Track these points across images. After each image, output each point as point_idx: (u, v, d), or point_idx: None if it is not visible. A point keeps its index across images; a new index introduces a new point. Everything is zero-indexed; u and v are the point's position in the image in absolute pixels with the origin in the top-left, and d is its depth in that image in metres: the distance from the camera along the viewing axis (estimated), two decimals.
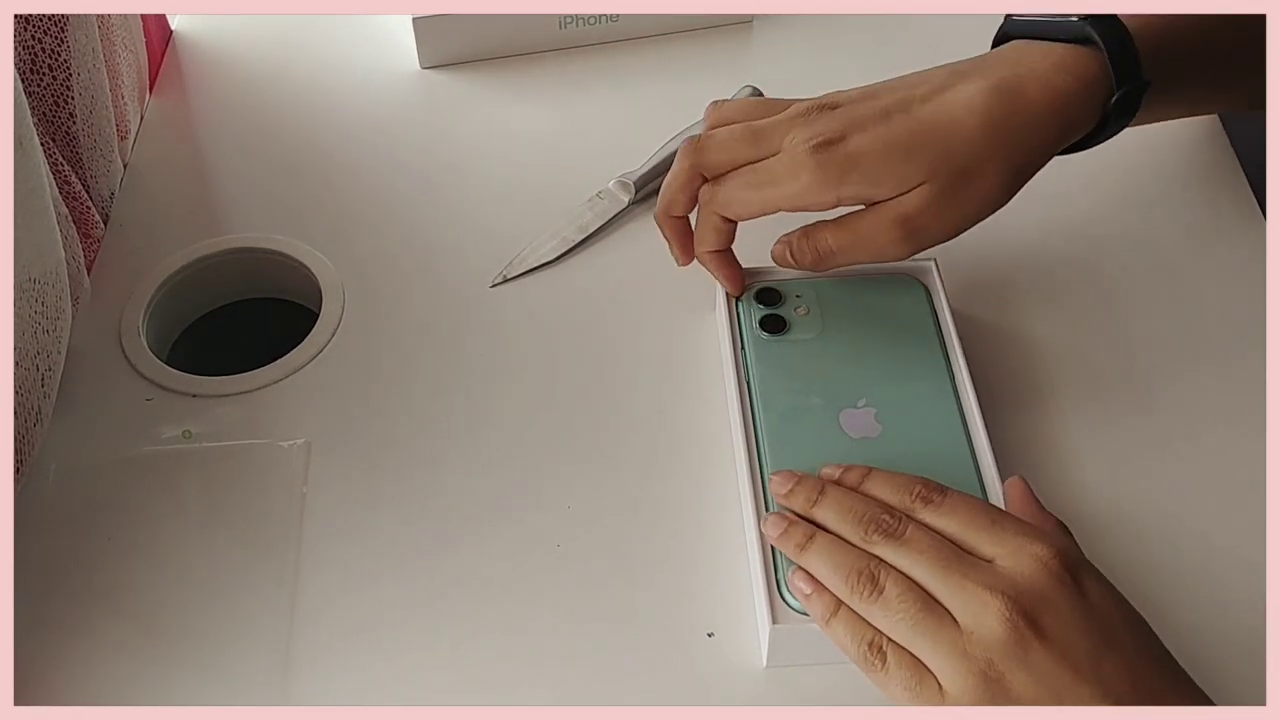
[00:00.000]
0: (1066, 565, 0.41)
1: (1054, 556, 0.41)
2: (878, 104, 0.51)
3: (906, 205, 0.50)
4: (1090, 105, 0.51)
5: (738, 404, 0.53)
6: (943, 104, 0.50)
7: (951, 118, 0.50)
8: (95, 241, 0.65)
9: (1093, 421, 0.55)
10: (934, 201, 0.50)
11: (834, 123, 0.51)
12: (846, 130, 0.50)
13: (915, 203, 0.50)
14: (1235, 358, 0.57)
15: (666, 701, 0.47)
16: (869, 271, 0.57)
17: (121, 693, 0.48)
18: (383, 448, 0.56)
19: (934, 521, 0.44)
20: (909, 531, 0.44)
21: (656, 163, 0.66)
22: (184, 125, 0.73)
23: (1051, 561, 0.41)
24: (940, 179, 0.50)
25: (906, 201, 0.50)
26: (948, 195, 0.50)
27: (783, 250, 0.55)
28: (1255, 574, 0.50)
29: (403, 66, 0.75)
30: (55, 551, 0.52)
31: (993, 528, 0.43)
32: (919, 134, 0.50)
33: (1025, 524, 0.44)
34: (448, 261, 0.64)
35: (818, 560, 0.45)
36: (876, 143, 0.50)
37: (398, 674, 0.48)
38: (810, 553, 0.45)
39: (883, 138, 0.50)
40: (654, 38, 0.76)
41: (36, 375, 0.53)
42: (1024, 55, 0.52)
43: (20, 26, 0.58)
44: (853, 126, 0.50)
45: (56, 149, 0.62)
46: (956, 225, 0.51)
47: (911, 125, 0.50)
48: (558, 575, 0.51)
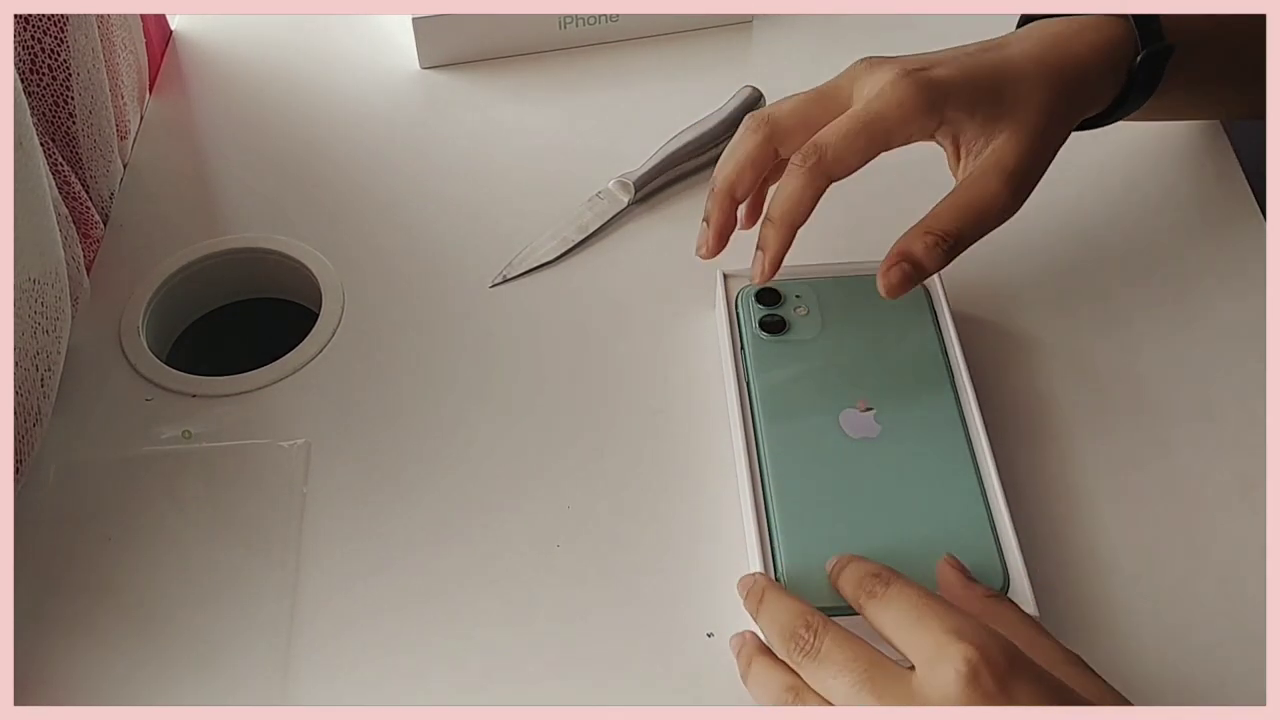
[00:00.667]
0: (993, 672, 0.37)
1: (977, 665, 0.37)
2: (938, 55, 0.52)
3: (1003, 157, 0.50)
4: (1114, 66, 0.53)
5: (737, 404, 0.53)
6: (999, 53, 0.52)
7: (1012, 62, 0.51)
8: (95, 241, 0.65)
9: (1091, 422, 0.55)
10: (1025, 142, 0.50)
11: (908, 61, 0.51)
12: (924, 64, 0.50)
13: (1010, 149, 0.50)
14: (1235, 357, 0.57)
15: (666, 701, 0.47)
16: (867, 271, 0.56)
17: (121, 692, 0.48)
18: (383, 448, 0.56)
19: (872, 615, 0.42)
20: (825, 646, 0.41)
21: (656, 163, 0.66)
22: (184, 125, 0.73)
23: (974, 671, 0.37)
24: (1021, 115, 0.50)
25: (1000, 152, 0.50)
26: (1035, 134, 0.50)
27: (902, 272, 0.50)
28: (1255, 572, 0.50)
29: (403, 66, 0.75)
30: (55, 551, 0.52)
31: (916, 628, 0.40)
32: (991, 72, 0.51)
33: (951, 622, 0.39)
34: (448, 261, 0.64)
35: (753, 685, 0.45)
36: (957, 72, 0.50)
37: (397, 674, 0.48)
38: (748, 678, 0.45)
39: (962, 68, 0.51)
40: (654, 38, 0.76)
41: (36, 375, 0.53)
42: (1052, 24, 0.53)
43: (20, 26, 0.58)
44: (929, 63, 0.51)
45: (56, 149, 0.62)
46: (1045, 165, 0.52)
47: (982, 64, 0.51)
48: (557, 575, 0.51)
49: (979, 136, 0.51)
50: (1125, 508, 0.52)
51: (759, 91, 0.69)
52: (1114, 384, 0.57)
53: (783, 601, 0.45)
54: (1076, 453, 0.54)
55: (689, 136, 0.67)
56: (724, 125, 0.67)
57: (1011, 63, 0.51)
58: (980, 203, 0.50)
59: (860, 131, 0.49)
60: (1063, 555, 0.51)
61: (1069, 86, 0.51)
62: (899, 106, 0.49)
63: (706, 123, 0.68)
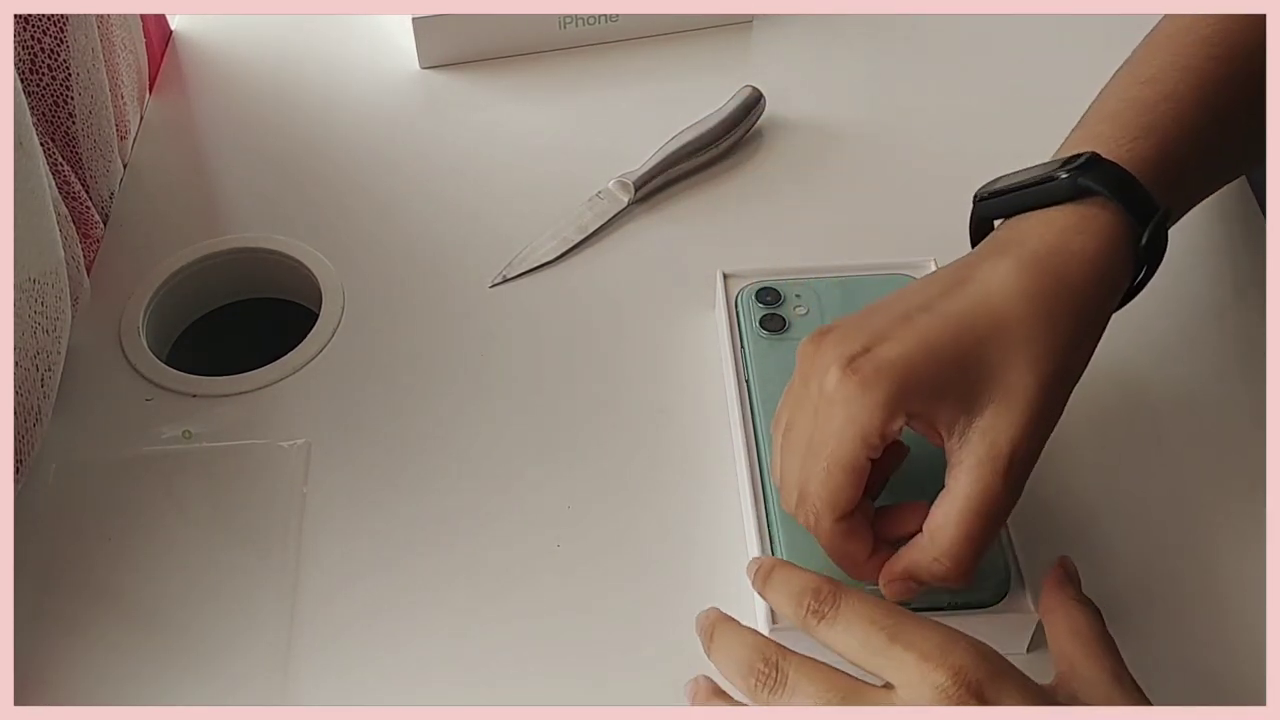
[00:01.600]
0: (973, 692, 0.36)
1: (957, 686, 0.36)
2: (889, 312, 0.43)
3: (995, 442, 0.41)
4: (1121, 258, 0.44)
5: (737, 404, 0.53)
6: (970, 295, 0.42)
7: (989, 310, 0.41)
8: (95, 241, 0.65)
9: (1090, 422, 0.55)
10: (1020, 421, 0.41)
11: (850, 339, 0.42)
12: (868, 342, 0.42)
13: (1002, 430, 0.41)
14: (1234, 357, 0.57)
15: (666, 701, 0.47)
16: (867, 271, 0.56)
17: (121, 692, 0.48)
18: (383, 447, 0.56)
19: (829, 638, 0.40)
20: (790, 677, 0.39)
21: (656, 163, 0.66)
22: (184, 125, 0.73)
23: (954, 692, 0.36)
24: (1012, 383, 0.41)
25: (991, 435, 0.41)
26: (1032, 407, 0.41)
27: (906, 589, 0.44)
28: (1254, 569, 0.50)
29: (403, 66, 0.75)
30: (55, 551, 0.52)
31: (890, 648, 0.38)
32: (960, 331, 0.41)
33: (928, 639, 0.37)
34: (448, 261, 0.64)
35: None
36: (912, 345, 0.41)
37: (397, 674, 0.48)
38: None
39: (917, 338, 0.41)
40: (654, 38, 0.76)
41: (36, 375, 0.53)
42: (1024, 233, 0.44)
43: (20, 26, 0.58)
44: (874, 337, 0.42)
45: (56, 149, 0.62)
46: (1047, 434, 0.42)
47: (946, 322, 0.42)
48: (557, 575, 0.51)
49: (959, 415, 0.42)
50: (1124, 507, 0.52)
51: (759, 91, 0.69)
52: (1113, 382, 0.57)
53: (738, 635, 0.42)
54: (1076, 452, 0.54)
55: (689, 136, 0.67)
56: (724, 125, 0.67)
57: (987, 309, 0.41)
58: (979, 506, 0.41)
59: (828, 474, 0.42)
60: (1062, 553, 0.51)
61: (1070, 322, 0.42)
62: (851, 421, 0.41)
63: (706, 123, 0.68)
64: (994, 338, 0.41)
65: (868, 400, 0.41)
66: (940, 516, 0.42)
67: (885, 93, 0.72)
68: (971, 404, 0.41)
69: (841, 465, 0.42)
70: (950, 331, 0.41)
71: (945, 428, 0.42)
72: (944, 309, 0.42)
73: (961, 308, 0.42)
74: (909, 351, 0.41)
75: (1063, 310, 0.42)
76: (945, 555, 0.42)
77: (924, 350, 0.41)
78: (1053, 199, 0.44)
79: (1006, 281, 0.42)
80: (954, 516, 0.41)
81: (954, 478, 0.42)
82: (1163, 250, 0.45)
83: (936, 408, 0.41)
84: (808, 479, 0.43)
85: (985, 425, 0.41)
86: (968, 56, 0.73)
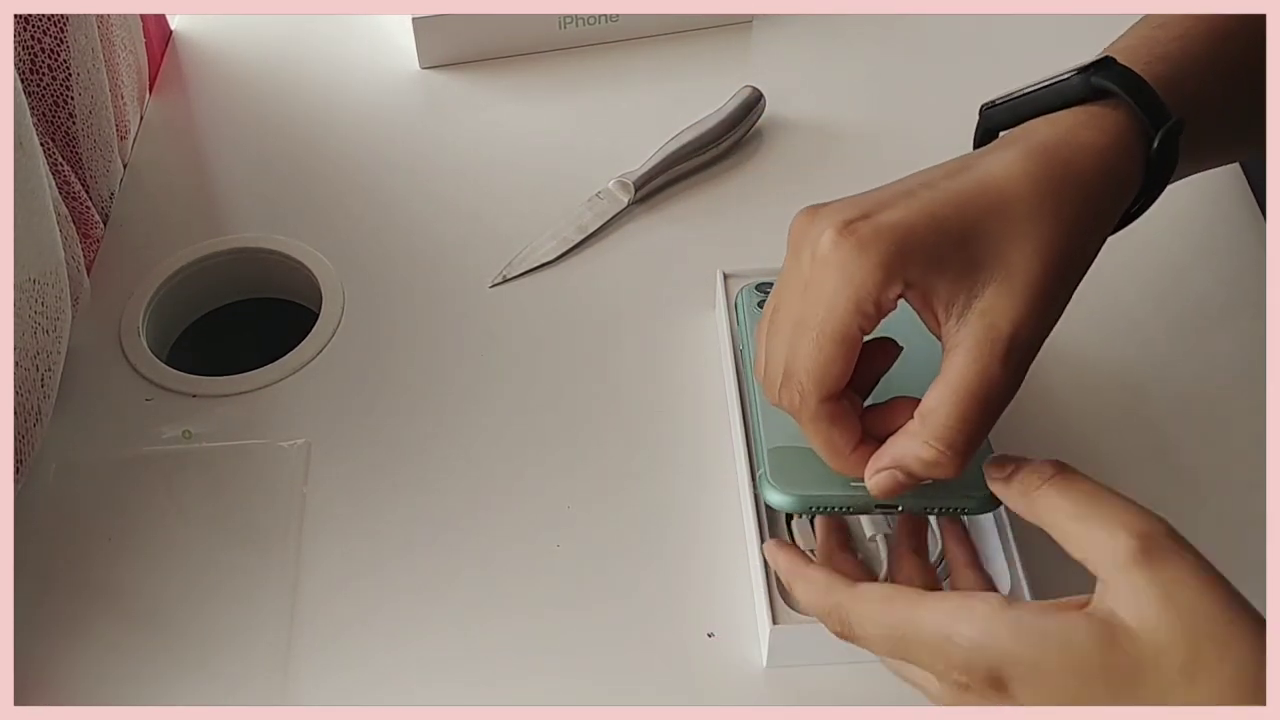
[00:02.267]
0: (990, 681, 0.36)
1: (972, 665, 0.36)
2: (888, 189, 0.41)
3: (995, 322, 0.39)
4: (1130, 157, 0.41)
5: (737, 404, 0.53)
6: (974, 177, 0.40)
7: (993, 186, 0.39)
8: (95, 241, 0.65)
9: (1090, 422, 0.55)
10: (1023, 301, 0.39)
11: (848, 207, 0.40)
12: (868, 209, 0.39)
13: (1003, 310, 0.39)
14: (1234, 357, 0.57)
15: (666, 701, 0.47)
16: None
17: (121, 692, 0.48)
18: (382, 447, 0.56)
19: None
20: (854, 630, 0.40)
21: (656, 163, 0.66)
22: (184, 125, 0.73)
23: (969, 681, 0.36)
24: (1014, 262, 0.39)
25: (991, 315, 0.39)
26: (1036, 288, 0.39)
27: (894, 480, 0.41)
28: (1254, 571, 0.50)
29: (403, 66, 0.75)
30: (55, 551, 0.52)
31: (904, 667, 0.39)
32: (963, 205, 0.39)
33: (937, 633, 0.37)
34: (448, 261, 0.64)
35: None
36: (916, 212, 0.39)
37: (397, 674, 0.48)
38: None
39: (922, 205, 0.39)
40: (654, 38, 0.76)
41: (36, 375, 0.53)
42: (1030, 129, 0.42)
43: (20, 26, 0.58)
44: (874, 205, 0.40)
45: (56, 149, 0.62)
46: (1053, 323, 0.40)
47: (949, 196, 0.39)
48: (557, 575, 0.51)
49: (958, 293, 0.39)
50: None
51: (759, 91, 0.69)
52: (1112, 381, 0.57)
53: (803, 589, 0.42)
54: (1075, 452, 0.54)
55: (689, 136, 0.67)
56: (724, 125, 0.67)
57: (992, 187, 0.39)
58: (976, 389, 0.39)
59: (818, 343, 0.40)
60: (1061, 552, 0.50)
61: (1076, 209, 0.40)
62: (844, 285, 0.39)
63: (706, 123, 0.68)
64: (998, 214, 0.39)
65: (864, 262, 0.38)
66: (933, 399, 0.39)
67: (885, 93, 0.72)
68: (972, 281, 0.39)
69: (833, 335, 0.39)
70: (953, 205, 0.39)
71: (943, 306, 0.40)
72: (947, 186, 0.40)
73: (966, 186, 0.40)
74: (910, 217, 0.39)
75: (1069, 196, 0.40)
76: (937, 438, 0.39)
77: (925, 217, 0.39)
78: (1064, 101, 0.42)
79: (1012, 166, 0.40)
80: (948, 398, 0.39)
81: (950, 361, 0.40)
82: (1172, 165, 0.42)
83: (935, 280, 0.39)
84: (795, 354, 0.40)
85: (985, 306, 0.39)
86: (968, 56, 0.73)
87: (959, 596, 0.38)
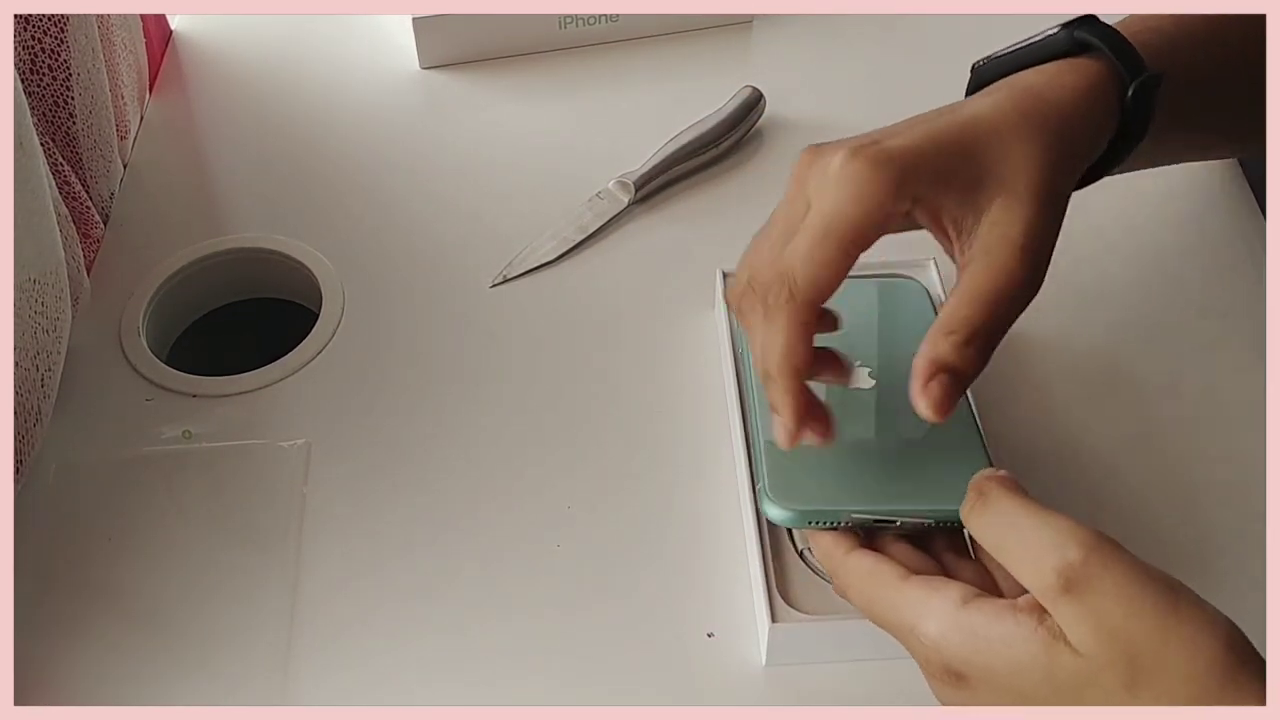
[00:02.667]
0: (950, 675, 0.38)
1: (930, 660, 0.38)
2: (892, 126, 0.44)
3: (1007, 229, 0.41)
4: (1107, 100, 0.44)
5: (737, 404, 0.53)
6: (967, 112, 0.43)
7: (983, 119, 0.43)
8: (95, 241, 0.65)
9: (1090, 421, 0.55)
10: (1028, 207, 0.41)
11: (854, 139, 0.42)
12: (876, 138, 0.42)
13: (1013, 218, 0.41)
14: (1234, 357, 0.57)
15: (666, 701, 0.47)
16: (866, 271, 0.56)
17: (121, 692, 0.48)
18: (383, 447, 0.56)
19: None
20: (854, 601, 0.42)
21: (656, 163, 0.66)
22: (184, 125, 0.73)
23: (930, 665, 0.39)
24: (1012, 176, 0.42)
25: (1002, 224, 0.41)
26: (1036, 195, 0.42)
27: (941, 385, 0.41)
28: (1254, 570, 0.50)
29: (403, 66, 0.75)
30: (55, 551, 0.52)
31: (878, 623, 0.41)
32: (959, 132, 0.42)
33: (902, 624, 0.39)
34: (448, 261, 0.64)
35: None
36: (918, 138, 0.42)
37: (397, 674, 0.48)
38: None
39: (923, 133, 0.42)
40: (654, 38, 0.76)
41: (36, 375, 0.53)
42: (1019, 76, 0.45)
43: (20, 26, 0.58)
44: (881, 135, 0.42)
45: (56, 149, 0.62)
46: (1057, 228, 0.43)
47: (946, 126, 0.42)
48: (557, 575, 0.51)
49: (966, 212, 0.42)
50: (1124, 506, 0.52)
51: (759, 91, 0.69)
52: (1112, 381, 0.57)
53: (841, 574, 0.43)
54: (1074, 451, 0.54)
55: (689, 136, 0.67)
56: (724, 125, 0.67)
57: (982, 119, 0.43)
58: (997, 286, 0.41)
59: (821, 241, 0.41)
60: None
61: (1059, 136, 0.43)
62: (856, 195, 0.40)
63: (706, 123, 0.68)
64: (991, 138, 0.42)
65: (876, 175, 0.40)
66: (953, 299, 0.41)
67: (885, 93, 0.72)
68: (976, 198, 0.42)
69: (838, 236, 0.41)
70: (952, 131, 0.42)
71: (953, 223, 0.42)
72: (943, 120, 0.43)
73: (960, 118, 0.43)
74: (916, 141, 0.42)
75: (1051, 126, 0.43)
76: (960, 327, 0.41)
77: (929, 141, 0.42)
78: (1049, 54, 0.46)
79: (1001, 102, 0.43)
80: (965, 293, 0.41)
81: (968, 272, 0.42)
82: (1147, 118, 0.45)
83: (942, 195, 0.42)
84: (791, 255, 0.41)
85: (994, 219, 0.42)
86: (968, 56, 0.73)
87: (925, 589, 0.39)
